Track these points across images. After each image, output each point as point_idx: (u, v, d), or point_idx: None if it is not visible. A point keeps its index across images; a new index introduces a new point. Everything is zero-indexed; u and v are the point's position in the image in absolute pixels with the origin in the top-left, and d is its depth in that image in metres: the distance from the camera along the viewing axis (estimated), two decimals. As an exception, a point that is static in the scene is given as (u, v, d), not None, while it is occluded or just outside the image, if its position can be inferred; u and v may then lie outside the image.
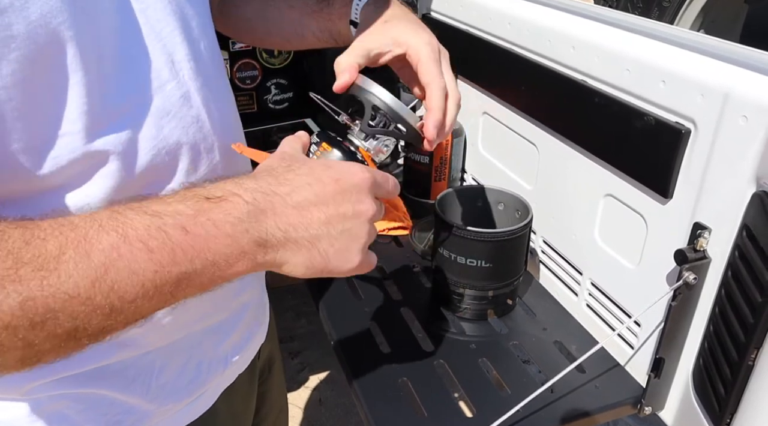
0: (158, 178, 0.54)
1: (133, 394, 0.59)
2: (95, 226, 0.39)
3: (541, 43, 0.94)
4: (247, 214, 0.44)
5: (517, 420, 0.76)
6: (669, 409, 0.81)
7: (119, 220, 0.40)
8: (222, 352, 0.69)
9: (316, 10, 0.80)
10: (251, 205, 0.45)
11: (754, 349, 0.62)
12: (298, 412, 1.88)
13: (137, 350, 0.59)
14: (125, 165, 0.50)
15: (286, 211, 0.46)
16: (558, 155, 0.95)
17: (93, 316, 0.38)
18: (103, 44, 0.47)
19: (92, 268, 0.38)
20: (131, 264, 0.39)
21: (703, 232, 0.70)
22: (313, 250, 0.48)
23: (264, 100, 1.60)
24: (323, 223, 0.48)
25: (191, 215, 0.42)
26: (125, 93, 0.50)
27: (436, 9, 1.28)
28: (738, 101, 0.64)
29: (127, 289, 0.39)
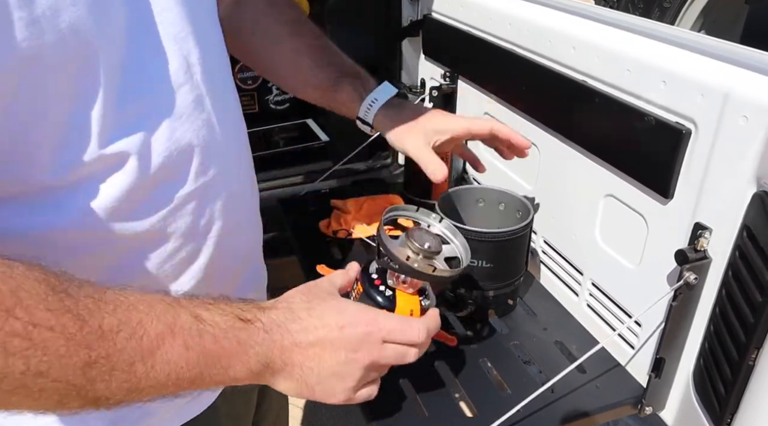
0: (170, 179, 0.55)
1: None
2: (152, 315, 0.47)
3: (541, 43, 0.94)
4: (262, 341, 0.53)
5: (518, 420, 0.76)
6: (669, 409, 0.81)
7: (170, 313, 0.48)
8: None
9: (322, 87, 0.89)
10: (267, 335, 0.53)
11: (755, 349, 0.62)
12: (299, 412, 1.88)
13: None
14: (139, 166, 0.51)
15: (290, 347, 0.55)
16: (558, 155, 0.96)
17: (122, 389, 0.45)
18: (124, 48, 0.49)
19: (139, 350, 0.45)
20: (169, 354, 0.47)
21: (703, 233, 0.70)
22: (302, 383, 0.57)
23: (265, 100, 1.60)
24: (317, 363, 0.56)
25: (224, 329, 0.51)
26: (142, 94, 0.51)
27: (437, 9, 1.28)
28: (738, 101, 0.64)
29: (157, 372, 0.46)
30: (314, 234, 1.18)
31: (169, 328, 0.47)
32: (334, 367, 0.57)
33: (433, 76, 1.35)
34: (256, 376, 0.54)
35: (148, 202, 0.54)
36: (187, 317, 0.49)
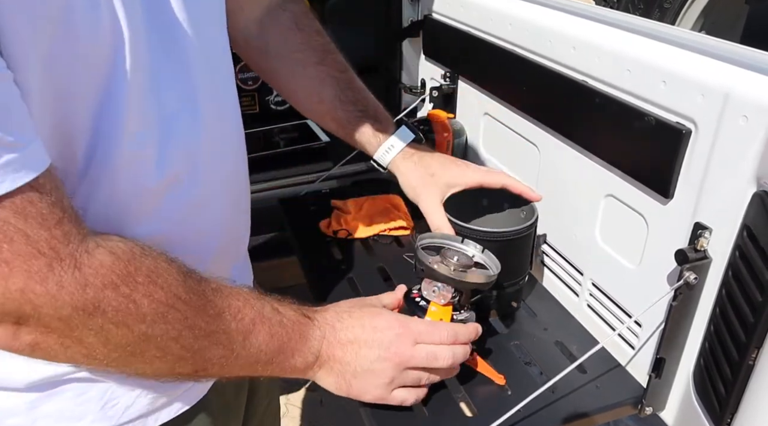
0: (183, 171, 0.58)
1: (129, 382, 0.60)
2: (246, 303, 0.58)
3: (541, 43, 0.94)
4: (316, 336, 0.64)
5: (518, 420, 0.76)
6: (670, 409, 0.81)
7: (255, 305, 0.58)
8: None
9: (341, 123, 0.92)
10: (320, 331, 0.65)
11: (755, 349, 0.62)
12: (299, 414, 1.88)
13: None
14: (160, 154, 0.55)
15: (334, 343, 0.66)
16: (559, 156, 0.96)
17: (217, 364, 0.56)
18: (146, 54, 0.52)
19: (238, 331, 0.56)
20: (257, 338, 0.57)
21: (703, 232, 0.70)
22: (341, 377, 0.67)
23: (266, 101, 1.60)
24: (353, 358, 0.66)
25: (294, 322, 0.62)
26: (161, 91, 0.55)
27: (438, 10, 1.28)
28: (738, 101, 0.64)
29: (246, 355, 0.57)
30: (314, 234, 1.18)
31: (259, 315, 0.58)
32: (368, 363, 0.66)
33: (433, 77, 1.35)
34: (307, 369, 0.64)
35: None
36: (270, 308, 0.60)
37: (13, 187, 0.41)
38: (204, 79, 0.60)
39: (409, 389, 0.71)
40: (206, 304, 0.53)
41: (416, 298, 0.80)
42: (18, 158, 0.41)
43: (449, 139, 1.22)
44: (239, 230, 0.74)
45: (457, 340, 0.72)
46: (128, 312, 0.47)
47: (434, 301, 0.78)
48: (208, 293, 0.54)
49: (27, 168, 0.42)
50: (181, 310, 0.51)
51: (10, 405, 0.56)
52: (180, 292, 0.51)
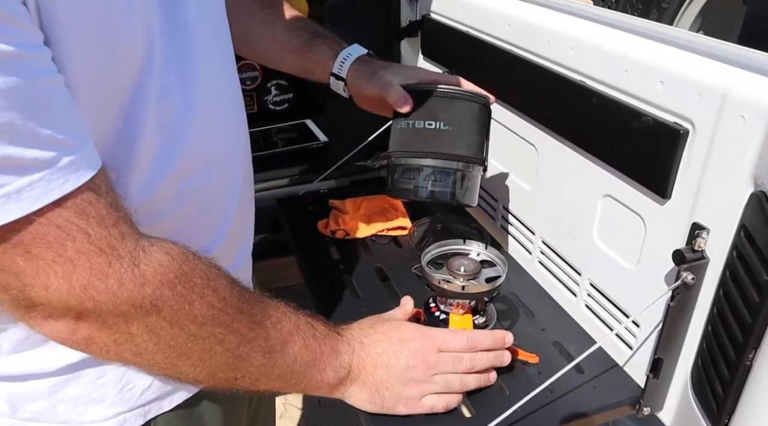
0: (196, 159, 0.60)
1: None
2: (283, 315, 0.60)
3: (540, 44, 0.94)
4: (346, 350, 0.67)
5: (516, 420, 0.76)
6: (667, 409, 0.81)
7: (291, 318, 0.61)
8: None
9: (297, 50, 0.95)
10: (349, 346, 0.68)
11: (752, 350, 0.62)
12: (297, 413, 1.88)
13: None
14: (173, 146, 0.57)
15: (364, 357, 0.69)
16: (557, 156, 0.96)
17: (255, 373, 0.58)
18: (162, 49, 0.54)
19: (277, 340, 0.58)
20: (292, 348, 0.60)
21: (701, 233, 0.70)
22: (373, 389, 0.69)
23: (264, 100, 1.60)
24: (383, 370, 0.69)
25: (325, 336, 0.65)
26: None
27: (436, 10, 1.28)
28: (736, 102, 0.64)
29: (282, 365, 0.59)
30: (312, 234, 1.18)
31: (296, 326, 0.60)
32: (398, 372, 0.69)
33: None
34: (339, 384, 0.67)
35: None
36: (304, 321, 0.62)
37: (75, 187, 0.42)
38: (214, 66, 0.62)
39: (439, 395, 0.73)
40: (251, 310, 0.56)
41: (435, 312, 0.84)
42: (76, 160, 0.43)
43: (447, 139, 1.22)
44: (244, 229, 0.75)
45: (477, 346, 0.75)
46: (182, 311, 0.49)
47: (453, 312, 0.82)
48: (251, 301, 0.56)
49: (85, 168, 0.43)
50: (229, 314, 0.53)
51: (31, 390, 0.58)
52: (229, 296, 0.53)
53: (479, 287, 0.80)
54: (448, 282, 0.80)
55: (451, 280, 0.81)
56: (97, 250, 0.44)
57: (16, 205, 0.40)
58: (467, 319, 0.81)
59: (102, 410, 0.60)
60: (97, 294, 0.45)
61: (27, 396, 0.58)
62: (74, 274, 0.44)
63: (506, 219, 1.15)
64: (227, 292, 0.54)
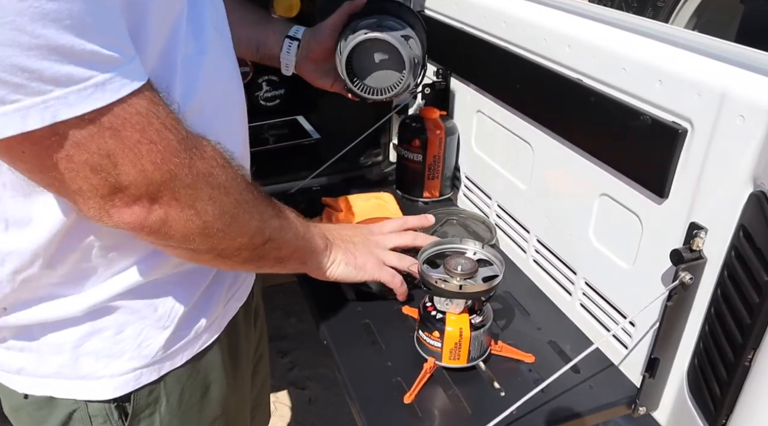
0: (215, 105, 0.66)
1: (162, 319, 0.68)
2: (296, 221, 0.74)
3: (536, 41, 0.94)
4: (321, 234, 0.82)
5: (512, 420, 0.75)
6: (663, 409, 0.81)
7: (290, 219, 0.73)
8: (227, 281, 0.76)
9: (251, 23, 0.99)
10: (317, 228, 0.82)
11: (751, 350, 0.61)
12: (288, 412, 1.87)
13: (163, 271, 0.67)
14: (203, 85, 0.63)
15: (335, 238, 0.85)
16: (553, 154, 0.95)
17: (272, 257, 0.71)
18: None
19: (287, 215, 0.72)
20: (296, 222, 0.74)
21: (699, 232, 0.70)
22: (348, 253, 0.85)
23: (255, 96, 1.58)
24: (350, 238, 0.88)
25: (316, 234, 0.80)
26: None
27: (430, 6, 1.27)
28: (735, 101, 0.64)
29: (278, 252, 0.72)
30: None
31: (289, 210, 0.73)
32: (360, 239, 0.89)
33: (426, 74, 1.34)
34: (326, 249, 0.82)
35: None
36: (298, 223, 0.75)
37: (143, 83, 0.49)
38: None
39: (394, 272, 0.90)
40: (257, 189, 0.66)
41: (432, 312, 0.83)
42: (137, 63, 0.50)
43: (441, 137, 1.21)
44: None
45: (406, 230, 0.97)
46: (231, 183, 0.59)
47: (450, 312, 0.81)
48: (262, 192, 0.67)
49: (142, 72, 0.50)
50: (254, 193, 0.64)
51: (59, 341, 0.64)
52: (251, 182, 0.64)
53: (477, 287, 0.80)
54: (445, 281, 0.80)
55: (448, 279, 0.80)
56: (169, 132, 0.52)
57: (102, 94, 0.47)
58: (464, 318, 0.81)
59: (121, 365, 0.66)
60: (174, 167, 0.52)
61: (54, 348, 0.64)
62: (156, 152, 0.51)
63: (501, 217, 1.14)
64: (249, 180, 0.65)
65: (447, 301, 0.81)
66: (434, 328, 0.81)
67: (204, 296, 0.72)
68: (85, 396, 0.66)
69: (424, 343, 0.84)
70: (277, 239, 0.69)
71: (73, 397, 0.66)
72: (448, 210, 1.22)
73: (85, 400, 0.66)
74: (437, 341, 0.81)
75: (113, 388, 0.66)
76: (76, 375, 0.65)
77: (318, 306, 0.98)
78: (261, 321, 0.97)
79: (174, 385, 0.71)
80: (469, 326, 0.81)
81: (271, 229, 0.67)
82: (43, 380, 0.65)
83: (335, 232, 0.86)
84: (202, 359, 0.73)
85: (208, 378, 0.75)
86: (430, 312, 0.83)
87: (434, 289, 0.80)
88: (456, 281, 0.80)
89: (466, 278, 0.80)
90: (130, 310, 0.65)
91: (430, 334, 0.82)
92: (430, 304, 0.84)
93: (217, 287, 0.74)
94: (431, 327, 0.82)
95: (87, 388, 0.66)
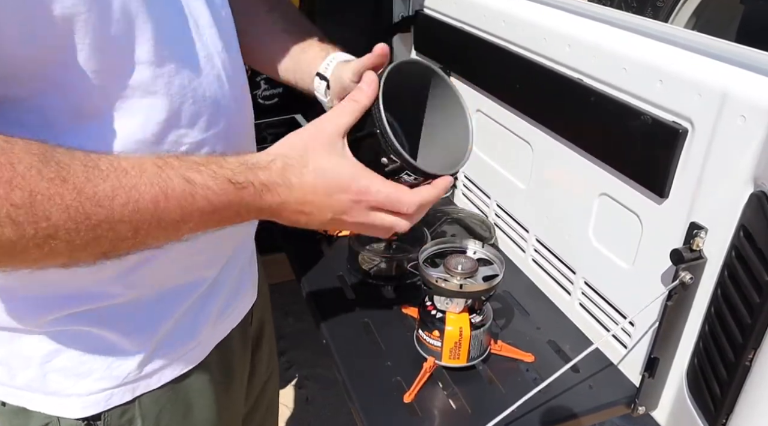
0: (185, 125, 0.59)
1: (136, 340, 0.64)
2: (144, 179, 0.48)
3: (536, 40, 0.94)
4: (253, 202, 0.55)
5: (512, 420, 0.75)
6: (662, 408, 0.81)
7: (162, 177, 0.49)
8: (218, 303, 0.72)
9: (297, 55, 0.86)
10: (259, 197, 0.55)
11: (752, 350, 0.61)
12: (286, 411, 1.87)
13: (144, 291, 0.63)
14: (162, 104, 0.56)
15: (281, 207, 0.57)
16: (553, 154, 0.95)
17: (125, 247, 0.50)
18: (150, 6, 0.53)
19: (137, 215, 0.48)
20: (164, 215, 0.50)
21: (699, 232, 0.70)
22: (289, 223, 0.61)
23: (253, 95, 1.58)
24: (303, 219, 0.60)
25: (216, 192, 0.52)
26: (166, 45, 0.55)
27: (429, 5, 1.26)
28: (736, 101, 0.64)
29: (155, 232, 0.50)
30: (304, 231, 1.17)
31: (163, 191, 0.50)
32: (318, 225, 0.61)
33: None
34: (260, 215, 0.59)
35: (166, 144, 0.57)
36: (179, 180, 0.51)
37: None
38: None
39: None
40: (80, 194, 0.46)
41: (432, 311, 0.83)
42: None
43: (441, 136, 1.21)
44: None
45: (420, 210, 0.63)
46: None
47: (450, 311, 0.81)
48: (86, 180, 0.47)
49: None
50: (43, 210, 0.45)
51: (25, 355, 0.61)
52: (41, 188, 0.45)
53: (477, 286, 0.80)
54: (445, 280, 0.79)
55: (449, 278, 0.80)
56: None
57: None
58: (464, 318, 0.81)
59: (89, 384, 0.62)
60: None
61: (23, 361, 0.61)
62: None
63: (500, 217, 1.14)
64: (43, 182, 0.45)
65: (447, 301, 0.81)
66: (434, 328, 0.81)
67: (188, 316, 0.68)
68: (56, 412, 0.63)
69: (423, 342, 0.84)
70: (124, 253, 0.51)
71: (45, 412, 0.63)
72: (447, 209, 1.22)
73: (56, 415, 0.64)
74: (437, 340, 0.81)
75: (82, 407, 0.63)
76: (46, 390, 0.63)
77: (318, 305, 0.97)
78: (268, 341, 0.93)
79: (150, 407, 0.67)
80: (468, 325, 0.80)
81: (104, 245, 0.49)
82: (17, 391, 0.63)
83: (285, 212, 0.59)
84: (184, 381, 0.69)
85: (190, 401, 0.70)
86: (430, 311, 0.82)
87: (434, 288, 0.80)
88: (456, 280, 0.80)
89: (466, 277, 0.80)
90: (98, 328, 0.62)
91: (430, 334, 0.82)
92: (429, 304, 0.84)
93: (204, 307, 0.70)
94: (431, 326, 0.82)
95: (57, 404, 0.63)
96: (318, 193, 0.58)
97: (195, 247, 0.62)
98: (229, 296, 0.74)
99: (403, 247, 1.03)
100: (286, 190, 0.57)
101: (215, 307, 0.72)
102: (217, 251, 0.71)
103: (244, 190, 0.54)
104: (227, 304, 0.74)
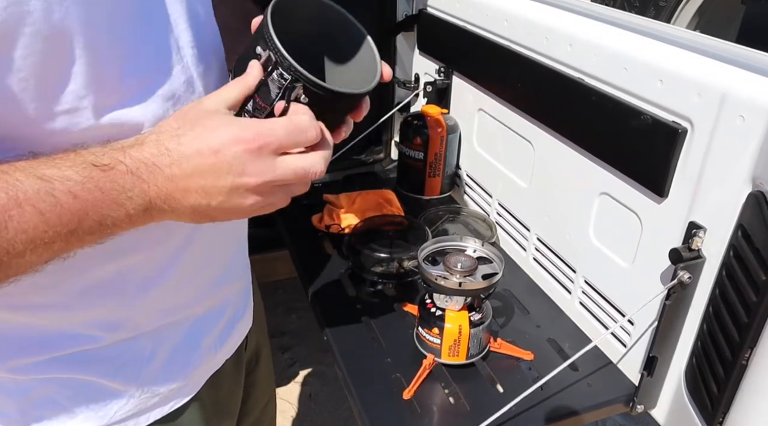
0: None
1: (121, 381, 0.61)
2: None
3: (538, 40, 0.94)
4: (131, 184, 0.46)
5: (510, 417, 0.76)
6: (661, 407, 0.81)
7: (9, 182, 0.42)
8: (208, 340, 0.70)
9: None
10: (135, 176, 0.46)
11: (749, 349, 0.62)
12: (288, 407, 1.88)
13: (126, 334, 0.60)
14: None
15: (166, 184, 0.47)
16: (553, 153, 0.95)
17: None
18: (115, 26, 0.48)
19: None
20: (21, 224, 0.42)
21: (698, 232, 0.70)
22: (195, 215, 0.50)
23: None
24: (203, 196, 0.49)
25: (80, 181, 0.44)
26: (135, 73, 0.50)
27: (433, 5, 1.27)
28: (736, 101, 0.64)
29: (16, 246, 0.42)
30: (307, 228, 1.18)
31: (12, 198, 0.42)
32: (222, 198, 0.49)
33: (427, 72, 1.34)
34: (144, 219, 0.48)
35: None
36: (31, 181, 0.43)
37: None
38: None
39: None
40: None
41: (431, 309, 0.83)
42: None
43: (443, 135, 1.21)
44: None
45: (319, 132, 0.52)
46: None
47: (449, 309, 0.82)
48: None
49: None
50: None
51: (10, 389, 0.58)
52: None
53: (476, 284, 0.80)
54: (444, 278, 0.80)
55: (448, 276, 0.80)
56: None
57: None
58: (463, 316, 0.81)
59: (76, 424, 0.60)
60: None
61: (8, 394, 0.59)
62: None
63: (501, 215, 1.15)
64: None
65: (446, 298, 0.81)
66: (433, 325, 0.82)
67: (177, 353, 0.66)
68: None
69: (423, 339, 0.84)
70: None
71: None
72: (449, 208, 1.22)
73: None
74: (436, 338, 0.82)
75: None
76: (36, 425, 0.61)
77: (319, 303, 0.98)
78: (266, 365, 0.91)
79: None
80: (468, 323, 0.81)
81: None
82: (10, 423, 0.61)
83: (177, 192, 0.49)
84: (176, 420, 0.67)
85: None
86: (430, 309, 0.83)
87: (434, 285, 0.81)
88: (455, 278, 0.80)
89: (465, 275, 0.80)
90: (81, 373, 0.59)
91: (430, 331, 0.82)
92: (429, 301, 0.84)
93: (193, 343, 0.67)
94: (430, 324, 0.82)
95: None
96: (204, 154, 0.48)
97: (174, 286, 0.62)
98: (222, 329, 0.72)
99: (403, 245, 1.04)
100: (166, 159, 0.47)
101: (206, 341, 0.69)
102: (199, 289, 0.67)
103: (114, 171, 0.46)
104: (220, 338, 0.72)
